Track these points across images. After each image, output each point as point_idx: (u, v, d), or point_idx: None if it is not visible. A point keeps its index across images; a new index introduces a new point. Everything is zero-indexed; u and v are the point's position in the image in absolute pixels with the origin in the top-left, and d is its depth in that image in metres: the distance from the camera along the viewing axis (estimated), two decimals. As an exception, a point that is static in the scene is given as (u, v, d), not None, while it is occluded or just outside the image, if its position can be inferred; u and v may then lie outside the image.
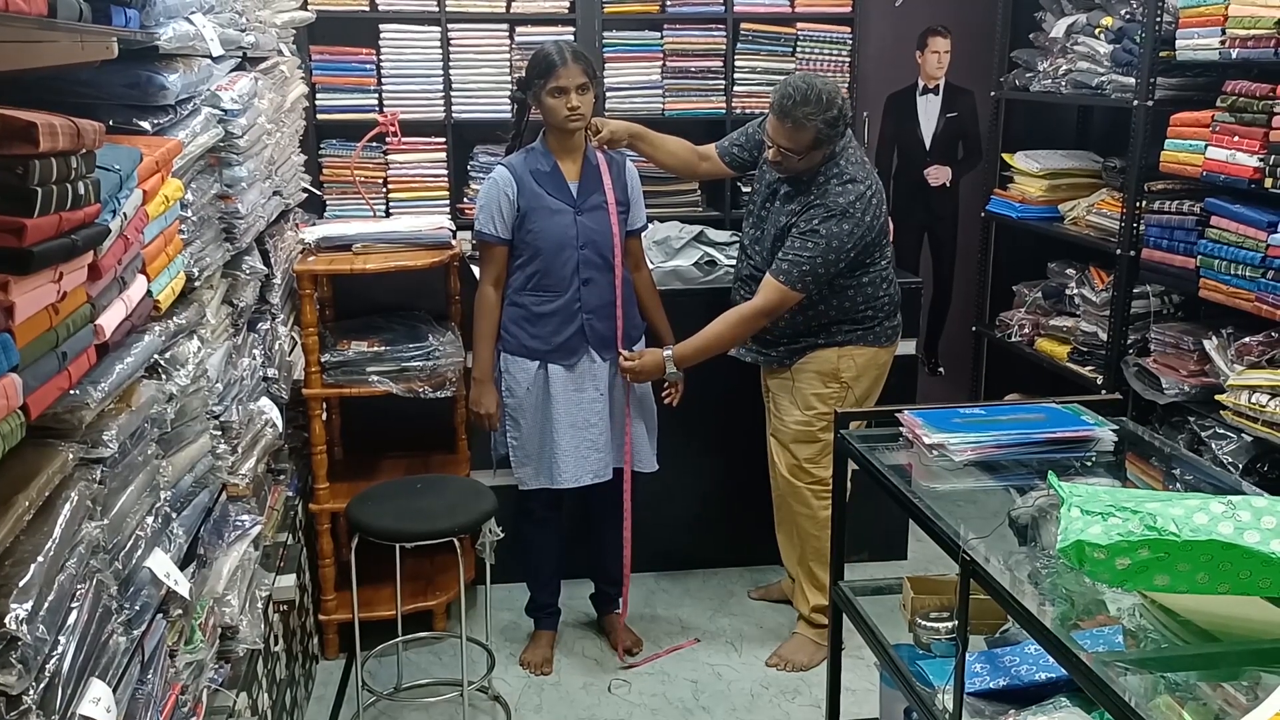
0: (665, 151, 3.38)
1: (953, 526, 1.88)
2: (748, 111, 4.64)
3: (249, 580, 2.34)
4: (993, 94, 4.58)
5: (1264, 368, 3.05)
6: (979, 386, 4.92)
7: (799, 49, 4.67)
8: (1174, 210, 3.40)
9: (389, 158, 4.57)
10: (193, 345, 2.04)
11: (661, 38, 4.64)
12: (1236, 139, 3.07)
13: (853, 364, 3.21)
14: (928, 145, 4.92)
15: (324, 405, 3.31)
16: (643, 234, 3.35)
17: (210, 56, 2.26)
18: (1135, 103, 3.54)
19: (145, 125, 1.95)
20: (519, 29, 4.53)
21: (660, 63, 4.65)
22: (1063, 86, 4.01)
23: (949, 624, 2.21)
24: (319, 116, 4.45)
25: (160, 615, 1.75)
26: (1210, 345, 3.24)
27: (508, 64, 4.53)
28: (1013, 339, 4.35)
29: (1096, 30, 3.85)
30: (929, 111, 4.90)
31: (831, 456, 3.17)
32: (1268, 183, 2.98)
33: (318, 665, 3.36)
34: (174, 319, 1.95)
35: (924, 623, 2.25)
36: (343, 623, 3.33)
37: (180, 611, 1.85)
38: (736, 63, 4.65)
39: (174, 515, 1.86)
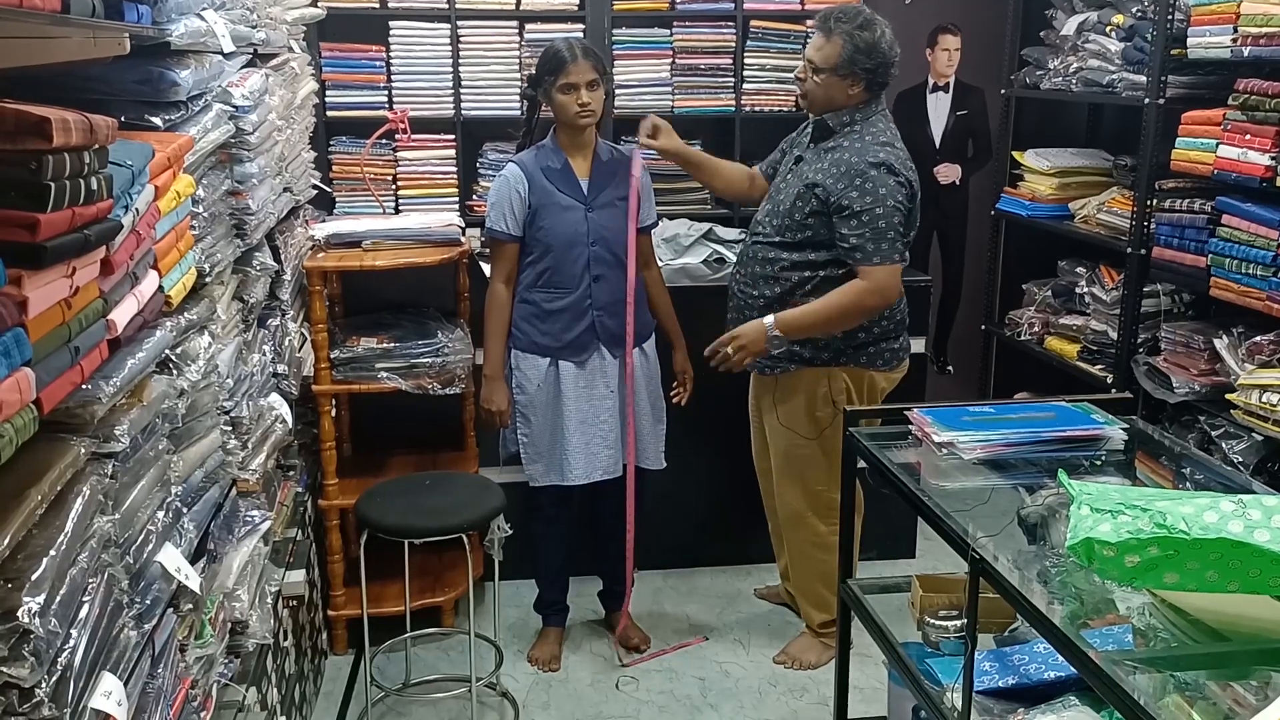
0: (722, 178, 3.33)
1: (962, 525, 1.88)
2: (757, 110, 4.64)
3: (258, 575, 2.35)
4: (1003, 92, 4.57)
5: (1275, 367, 3.04)
6: (988, 385, 4.91)
7: (809, 47, 4.66)
8: (1185, 209, 3.38)
9: (398, 155, 4.57)
10: (204, 341, 2.05)
11: (671, 35, 4.64)
12: (1248, 137, 3.06)
13: (844, 386, 3.08)
14: (937, 143, 4.91)
15: (333, 401, 3.32)
16: (652, 231, 3.35)
17: (221, 53, 2.26)
18: (1146, 101, 3.53)
19: (157, 121, 1.96)
20: (529, 26, 4.53)
21: (670, 60, 4.64)
22: (1073, 84, 4.00)
23: (958, 622, 2.21)
24: (329, 113, 4.45)
25: (171, 610, 1.75)
26: (1221, 344, 3.23)
27: (517, 61, 4.53)
28: (1022, 337, 4.33)
29: (1107, 28, 3.84)
30: (939, 109, 4.89)
31: (837, 481, 3.13)
32: (1279, 181, 2.97)
33: (326, 660, 3.37)
34: (185, 314, 1.96)
35: (933, 621, 2.25)
36: (351, 618, 3.34)
37: (190, 606, 1.86)
38: (746, 60, 4.64)
39: (184, 510, 1.87)
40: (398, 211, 4.49)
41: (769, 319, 2.97)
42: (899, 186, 2.88)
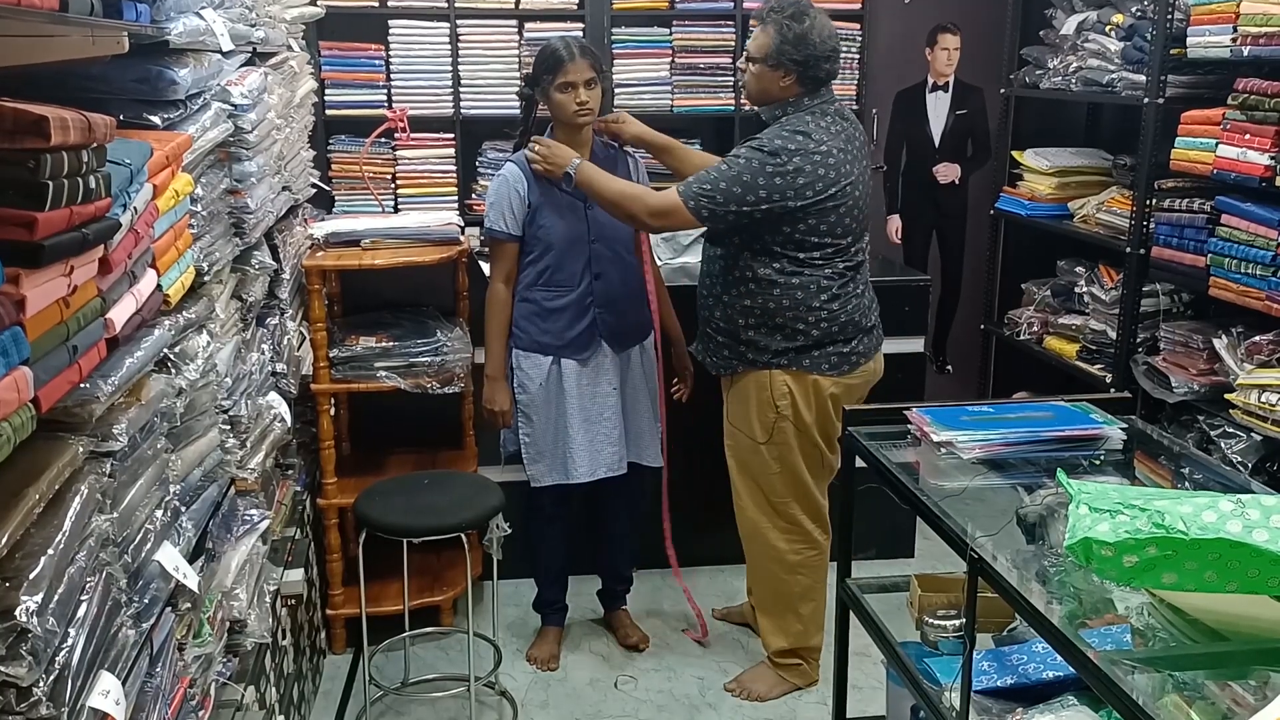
0: (693, 165, 3.21)
1: (960, 524, 1.88)
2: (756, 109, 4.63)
3: (257, 574, 2.35)
4: (1003, 91, 4.57)
5: (1274, 367, 3.04)
6: (987, 384, 4.91)
7: (808, 46, 4.66)
8: (1184, 208, 3.39)
9: (397, 153, 4.57)
10: (202, 340, 2.05)
11: (670, 34, 4.64)
12: (1247, 137, 3.06)
13: (786, 390, 2.93)
14: (937, 143, 4.91)
15: (332, 400, 3.32)
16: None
17: (220, 51, 2.26)
18: (1146, 100, 3.53)
19: (155, 120, 1.95)
20: (528, 25, 4.54)
21: (669, 59, 4.65)
22: (1073, 84, 4.00)
23: (956, 622, 2.21)
24: (328, 112, 4.46)
25: (169, 609, 1.75)
26: (1220, 344, 3.24)
27: (516, 60, 4.54)
28: (1021, 337, 4.34)
29: (1107, 27, 3.84)
30: (938, 109, 4.90)
31: (798, 494, 3.04)
32: (1279, 181, 2.97)
33: (325, 659, 3.37)
34: (183, 313, 1.96)
35: (931, 620, 2.25)
36: (350, 617, 3.34)
37: (189, 605, 1.85)
38: (745, 59, 4.64)
39: (183, 509, 1.87)
40: (397, 210, 4.49)
41: (576, 159, 2.94)
42: (768, 174, 2.75)
